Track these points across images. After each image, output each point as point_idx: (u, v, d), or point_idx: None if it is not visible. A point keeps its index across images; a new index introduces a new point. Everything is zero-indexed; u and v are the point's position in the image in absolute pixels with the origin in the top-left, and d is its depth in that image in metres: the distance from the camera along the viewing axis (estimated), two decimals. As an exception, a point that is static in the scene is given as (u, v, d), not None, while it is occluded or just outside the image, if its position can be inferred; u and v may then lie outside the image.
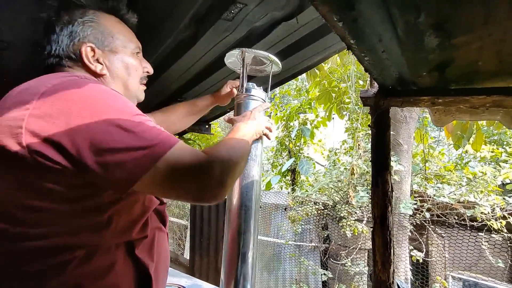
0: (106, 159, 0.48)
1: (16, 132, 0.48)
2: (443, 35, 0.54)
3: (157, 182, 0.51)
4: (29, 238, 0.51)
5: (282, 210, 4.03)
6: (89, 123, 0.49)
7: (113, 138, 0.49)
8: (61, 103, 0.50)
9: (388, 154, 0.96)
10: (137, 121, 0.53)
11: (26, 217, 0.51)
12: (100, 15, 0.69)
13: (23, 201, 0.50)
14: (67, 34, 0.64)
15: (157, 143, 0.51)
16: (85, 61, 0.65)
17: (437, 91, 0.82)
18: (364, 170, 3.20)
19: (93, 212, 0.54)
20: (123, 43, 0.71)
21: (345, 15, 0.52)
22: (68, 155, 0.48)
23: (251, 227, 0.93)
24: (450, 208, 2.80)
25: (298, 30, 1.06)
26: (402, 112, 2.97)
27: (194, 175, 0.53)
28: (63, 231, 0.52)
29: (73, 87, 0.53)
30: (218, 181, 0.55)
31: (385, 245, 0.94)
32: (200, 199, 0.55)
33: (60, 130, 0.48)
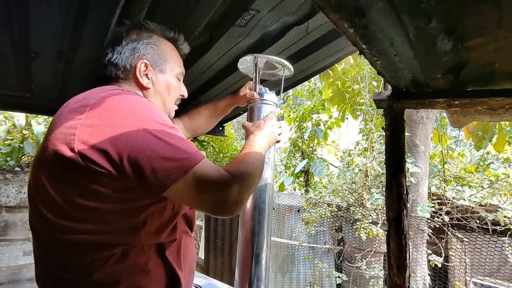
0: (143, 166, 0.54)
1: (70, 139, 0.55)
2: (456, 39, 0.54)
3: (183, 192, 0.57)
4: (79, 232, 0.57)
5: (295, 211, 4.01)
6: (130, 132, 0.55)
7: (150, 147, 0.55)
8: (107, 114, 0.57)
9: (403, 157, 0.95)
10: (172, 133, 0.59)
11: (76, 214, 0.57)
12: (162, 41, 0.81)
13: (74, 200, 0.56)
14: (130, 49, 0.75)
15: (187, 157, 0.57)
16: (136, 73, 0.74)
17: (452, 93, 0.81)
18: (379, 172, 3.14)
19: (132, 214, 0.59)
20: (172, 67, 0.82)
21: (355, 21, 0.53)
22: (112, 161, 0.54)
23: (264, 228, 0.94)
24: (471, 212, 2.70)
25: (310, 34, 1.07)
26: (419, 113, 2.89)
27: (215, 191, 0.59)
28: (106, 229, 0.58)
29: (118, 100, 0.60)
30: (235, 199, 0.60)
31: (400, 248, 0.93)
32: (217, 212, 0.61)
33: (106, 139, 0.54)
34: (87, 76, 1.39)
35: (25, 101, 1.70)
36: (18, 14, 0.90)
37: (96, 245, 0.58)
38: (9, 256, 1.93)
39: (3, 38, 1.02)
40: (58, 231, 0.58)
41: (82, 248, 0.58)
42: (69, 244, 0.58)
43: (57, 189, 0.58)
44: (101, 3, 0.87)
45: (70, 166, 0.55)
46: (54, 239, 0.59)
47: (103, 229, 0.58)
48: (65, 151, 0.55)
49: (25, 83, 1.47)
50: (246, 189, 0.64)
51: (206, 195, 0.58)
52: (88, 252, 0.58)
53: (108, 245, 0.58)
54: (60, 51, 1.15)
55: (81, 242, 0.57)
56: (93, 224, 0.57)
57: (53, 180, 0.58)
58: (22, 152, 2.76)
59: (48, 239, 0.60)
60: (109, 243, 0.58)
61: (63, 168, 0.56)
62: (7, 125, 2.80)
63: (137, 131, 0.56)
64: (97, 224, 0.57)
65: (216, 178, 0.59)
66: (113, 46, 0.75)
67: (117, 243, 0.59)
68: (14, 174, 2.02)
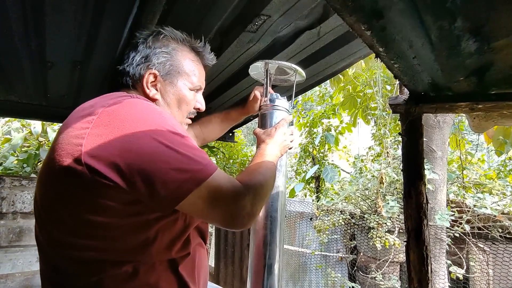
0: (154, 178, 0.51)
1: (76, 150, 0.52)
2: (481, 39, 0.51)
3: (195, 205, 0.54)
4: (87, 249, 0.54)
5: (307, 218, 3.94)
6: (141, 142, 0.52)
7: (161, 158, 0.52)
8: (116, 123, 0.54)
9: (422, 163, 0.91)
10: (185, 143, 0.56)
11: (83, 230, 0.54)
12: (180, 50, 0.75)
13: (81, 215, 0.53)
14: (143, 56, 0.71)
15: (201, 168, 0.54)
16: (143, 83, 0.70)
17: (475, 96, 0.76)
18: (394, 179, 3.04)
19: (142, 228, 0.56)
20: (187, 79, 0.76)
21: (373, 23, 0.50)
22: (121, 173, 0.51)
23: (276, 238, 0.92)
24: (493, 220, 2.56)
25: (322, 38, 1.05)
26: (435, 117, 2.80)
27: (228, 204, 0.57)
28: (115, 246, 0.55)
29: (128, 107, 0.57)
30: (248, 212, 0.58)
31: (421, 261, 0.88)
32: (229, 225, 0.59)
33: (115, 150, 0.51)
34: (100, 84, 1.42)
35: (41, 109, 1.75)
36: (34, 25, 0.92)
37: (105, 263, 0.55)
38: (23, 261, 1.96)
39: (21, 48, 1.05)
40: (64, 248, 0.55)
41: (90, 266, 0.55)
42: (76, 261, 0.55)
43: (63, 204, 0.55)
44: (114, 13, 0.88)
45: (76, 179, 0.52)
46: (60, 256, 0.56)
47: (112, 245, 0.55)
48: (71, 163, 0.52)
49: (41, 91, 1.51)
50: (259, 201, 0.62)
51: (219, 209, 0.56)
52: (96, 270, 0.54)
53: (117, 263, 0.55)
54: (75, 60, 1.17)
55: (89, 259, 0.54)
56: (102, 240, 0.54)
57: (59, 194, 0.55)
58: (38, 158, 2.84)
59: (55, 255, 0.57)
60: (119, 260, 0.55)
61: (69, 181, 0.53)
62: (24, 133, 2.89)
63: (148, 141, 0.52)
64: (105, 240, 0.54)
65: (230, 190, 0.57)
66: (129, 52, 0.73)
67: (127, 260, 0.55)
68: (30, 181, 2.07)
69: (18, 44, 1.02)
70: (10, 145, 2.76)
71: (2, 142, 2.89)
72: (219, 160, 4.69)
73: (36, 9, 0.84)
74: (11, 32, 0.94)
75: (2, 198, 1.95)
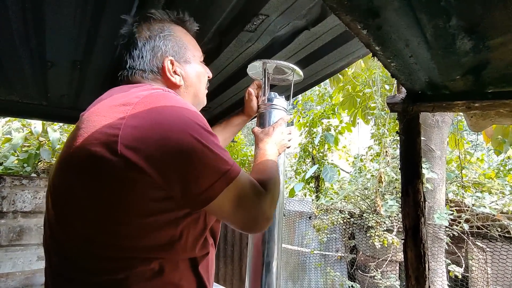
0: (189, 175, 0.51)
1: (112, 141, 0.49)
2: (477, 38, 0.51)
3: (223, 205, 0.54)
4: (114, 247, 0.52)
5: (306, 218, 3.94)
6: (179, 138, 0.51)
7: (197, 155, 0.52)
8: (153, 116, 0.52)
9: (419, 162, 0.91)
10: (215, 141, 0.56)
11: (113, 229, 0.52)
12: (174, 28, 0.73)
13: (110, 211, 0.51)
14: (150, 49, 0.68)
15: (230, 168, 0.55)
16: (167, 74, 0.68)
17: (472, 94, 0.77)
18: (393, 178, 3.05)
19: (169, 226, 0.54)
20: (193, 52, 0.75)
21: (369, 22, 0.51)
22: (158, 168, 0.50)
23: (275, 236, 0.92)
24: (492, 219, 2.57)
25: (320, 37, 1.06)
26: (434, 117, 2.81)
27: (252, 206, 0.58)
28: (143, 243, 0.53)
29: (163, 101, 0.56)
30: (268, 216, 0.60)
31: (419, 258, 0.89)
32: (249, 228, 0.60)
33: (153, 143, 0.50)
34: (101, 84, 1.43)
35: (42, 109, 1.76)
36: (34, 25, 0.93)
37: (134, 260, 0.52)
38: (24, 260, 1.97)
39: (21, 48, 1.06)
40: (90, 244, 0.52)
41: (117, 263, 0.52)
42: (101, 259, 0.52)
43: (89, 196, 0.52)
44: (113, 13, 0.89)
45: (108, 170, 0.49)
46: (84, 253, 0.53)
47: (141, 242, 0.52)
48: (105, 153, 0.49)
49: (41, 91, 1.52)
50: (274, 202, 0.63)
51: (243, 211, 0.57)
52: (124, 267, 0.52)
53: (145, 260, 0.53)
54: (75, 60, 1.18)
55: (116, 257, 0.52)
56: (130, 238, 0.52)
57: (84, 185, 0.52)
58: (38, 158, 2.84)
59: (77, 252, 0.54)
60: (147, 257, 0.53)
61: (100, 172, 0.50)
62: (24, 132, 2.90)
63: (185, 137, 0.51)
64: (133, 237, 0.52)
65: (253, 192, 0.58)
66: (128, 49, 0.68)
67: (155, 257, 0.53)
68: (30, 180, 2.07)
69: (18, 44, 1.03)
70: (10, 145, 2.77)
71: (3, 142, 2.90)
72: (219, 159, 4.68)
73: (36, 9, 0.85)
74: (11, 32, 0.95)
75: (2, 197, 1.95)
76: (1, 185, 1.96)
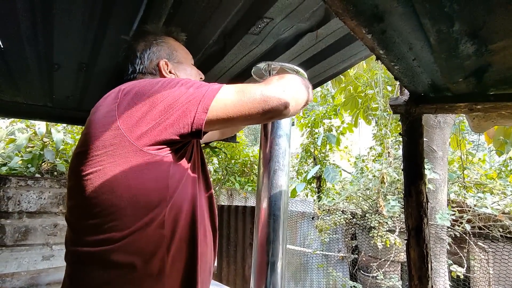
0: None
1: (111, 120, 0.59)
2: (479, 42, 0.53)
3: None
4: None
5: (308, 218, 3.95)
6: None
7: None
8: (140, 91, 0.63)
9: (422, 163, 0.92)
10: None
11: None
12: (165, 37, 0.86)
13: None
14: (147, 56, 0.80)
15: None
16: (163, 73, 0.79)
17: (474, 97, 0.78)
18: (395, 178, 3.05)
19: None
20: (184, 55, 0.87)
21: (373, 27, 0.52)
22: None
23: (279, 236, 0.93)
24: (494, 220, 2.57)
25: (323, 39, 1.07)
26: (436, 118, 2.81)
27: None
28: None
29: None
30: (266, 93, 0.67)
31: (421, 258, 0.90)
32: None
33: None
34: (105, 86, 1.44)
35: (46, 110, 1.77)
36: (43, 28, 0.94)
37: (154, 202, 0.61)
38: (29, 260, 1.99)
39: (28, 50, 1.08)
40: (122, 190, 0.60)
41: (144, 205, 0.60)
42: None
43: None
44: (120, 17, 0.90)
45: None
46: (115, 195, 0.59)
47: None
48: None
49: (47, 93, 1.54)
50: (279, 84, 0.69)
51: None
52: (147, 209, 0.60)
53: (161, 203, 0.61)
54: (81, 62, 1.19)
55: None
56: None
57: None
58: (42, 159, 2.86)
59: (110, 195, 0.59)
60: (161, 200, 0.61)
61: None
62: (28, 133, 2.92)
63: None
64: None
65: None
66: (130, 60, 0.80)
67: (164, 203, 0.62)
68: (35, 181, 2.09)
69: (26, 46, 1.04)
70: (14, 146, 2.79)
71: (7, 143, 2.92)
72: (221, 160, 4.71)
73: (44, 12, 0.87)
74: (20, 34, 0.97)
75: (8, 197, 1.97)
76: (6, 186, 1.97)
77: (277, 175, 0.94)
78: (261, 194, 0.94)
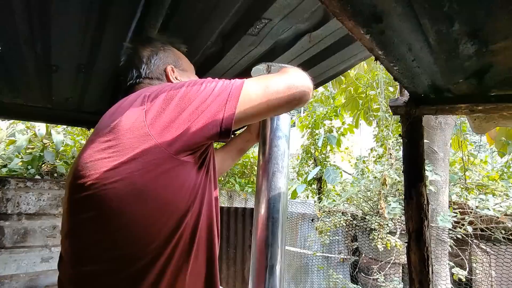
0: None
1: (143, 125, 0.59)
2: (479, 42, 0.52)
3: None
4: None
5: (309, 220, 3.93)
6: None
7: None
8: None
9: (422, 165, 0.91)
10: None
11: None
12: (168, 47, 0.86)
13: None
14: (154, 61, 0.80)
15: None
16: (170, 78, 0.80)
17: (475, 98, 0.77)
18: (396, 180, 3.04)
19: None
20: (187, 65, 0.88)
21: (372, 27, 0.51)
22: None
23: (278, 239, 0.92)
24: (496, 222, 2.55)
25: (323, 40, 1.06)
26: (437, 119, 2.80)
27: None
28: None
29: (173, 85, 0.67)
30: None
31: (422, 262, 0.89)
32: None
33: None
34: (104, 87, 1.44)
35: (46, 112, 1.77)
36: (40, 29, 0.94)
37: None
38: (28, 262, 1.98)
39: (26, 52, 1.07)
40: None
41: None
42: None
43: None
44: (117, 18, 0.90)
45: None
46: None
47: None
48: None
49: (46, 94, 1.53)
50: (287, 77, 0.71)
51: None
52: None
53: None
54: (79, 63, 1.19)
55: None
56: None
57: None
58: (42, 160, 2.86)
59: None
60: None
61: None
62: (28, 135, 2.92)
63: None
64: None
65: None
66: (136, 66, 0.79)
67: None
68: (34, 182, 2.09)
69: (24, 48, 1.04)
70: (14, 147, 2.79)
71: (7, 144, 2.92)
72: (221, 161, 4.68)
73: (41, 13, 0.86)
74: (18, 36, 0.96)
75: (7, 199, 1.97)
76: (5, 187, 1.97)
77: (276, 177, 0.93)
78: (259, 196, 0.93)
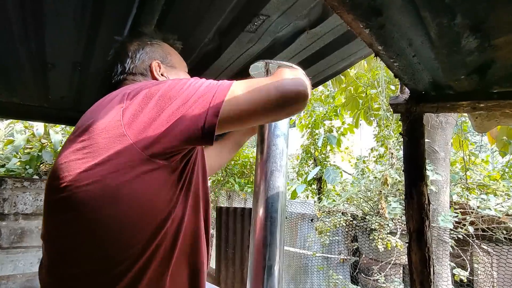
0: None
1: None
2: (482, 36, 0.50)
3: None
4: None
5: (308, 220, 3.92)
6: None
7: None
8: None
9: (423, 164, 0.90)
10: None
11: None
12: (159, 42, 0.84)
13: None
14: (139, 55, 0.77)
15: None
16: (154, 74, 0.76)
17: (477, 95, 0.75)
18: (396, 180, 3.02)
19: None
20: (178, 61, 0.84)
21: (371, 21, 0.50)
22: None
23: (277, 239, 0.90)
24: (497, 222, 2.53)
25: (322, 38, 1.05)
26: (437, 118, 2.78)
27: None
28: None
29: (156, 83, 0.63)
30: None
31: (423, 262, 0.87)
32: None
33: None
34: (101, 85, 1.42)
35: (43, 111, 1.76)
36: (34, 27, 0.92)
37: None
38: (25, 263, 1.97)
39: (20, 50, 1.06)
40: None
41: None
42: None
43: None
44: (113, 15, 0.88)
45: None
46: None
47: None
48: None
49: (42, 93, 1.52)
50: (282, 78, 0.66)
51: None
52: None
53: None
54: (75, 61, 1.17)
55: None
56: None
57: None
58: (40, 160, 2.85)
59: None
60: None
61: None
62: (26, 134, 2.91)
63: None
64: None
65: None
66: (122, 61, 0.77)
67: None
68: (31, 182, 2.07)
69: (18, 46, 1.03)
70: (12, 147, 2.78)
71: (5, 144, 2.91)
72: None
73: (35, 11, 0.85)
74: (12, 34, 0.95)
75: (3, 199, 1.95)
76: (2, 187, 1.96)
77: (274, 176, 0.92)
78: (257, 196, 0.92)
